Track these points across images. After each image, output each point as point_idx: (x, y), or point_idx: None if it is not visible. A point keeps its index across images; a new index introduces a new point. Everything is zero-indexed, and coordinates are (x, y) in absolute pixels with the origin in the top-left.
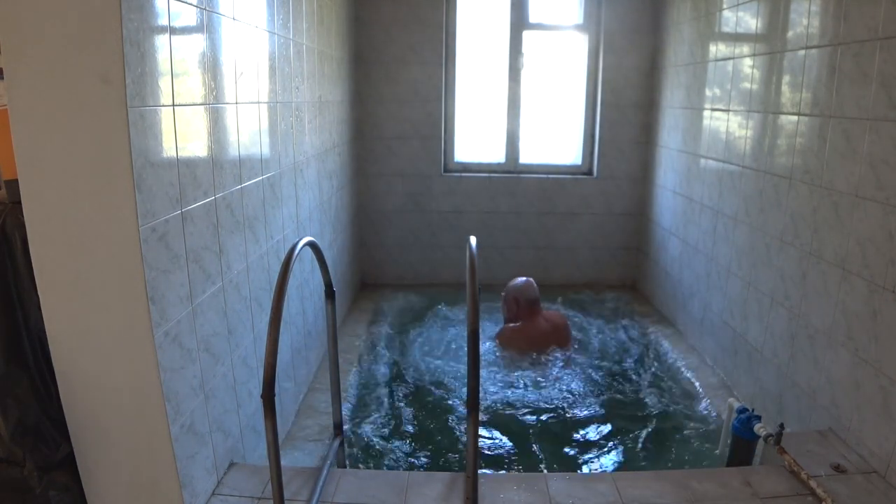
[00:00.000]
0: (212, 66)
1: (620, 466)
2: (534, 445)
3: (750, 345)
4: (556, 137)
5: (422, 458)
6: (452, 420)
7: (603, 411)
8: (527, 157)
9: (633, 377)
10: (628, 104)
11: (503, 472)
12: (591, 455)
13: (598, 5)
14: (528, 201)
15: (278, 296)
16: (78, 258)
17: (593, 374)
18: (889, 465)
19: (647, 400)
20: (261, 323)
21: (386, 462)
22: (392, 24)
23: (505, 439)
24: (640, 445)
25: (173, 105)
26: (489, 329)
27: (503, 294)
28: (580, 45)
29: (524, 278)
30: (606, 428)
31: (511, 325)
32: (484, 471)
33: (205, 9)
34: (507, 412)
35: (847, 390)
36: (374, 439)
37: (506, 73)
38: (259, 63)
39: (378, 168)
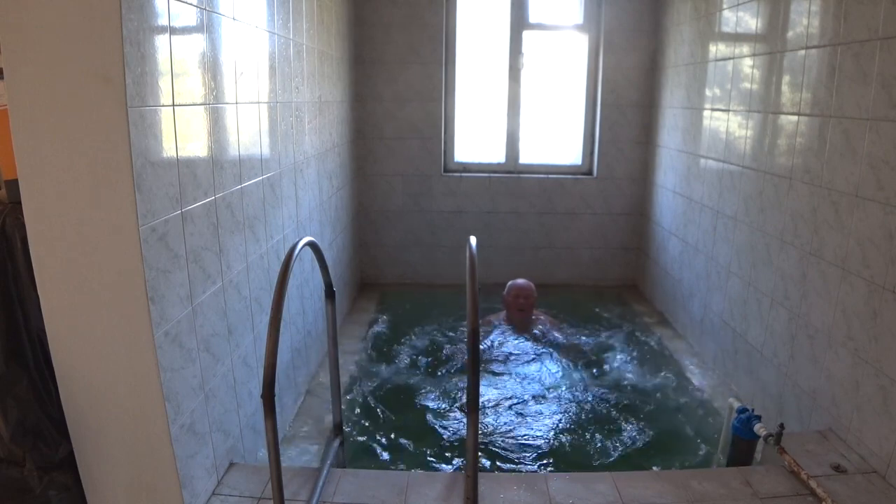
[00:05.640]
0: (212, 66)
1: (620, 466)
2: (531, 442)
3: (750, 345)
4: (556, 137)
5: (421, 458)
6: (452, 419)
7: (602, 411)
8: (527, 157)
9: (633, 377)
10: (628, 104)
11: (503, 472)
12: (590, 454)
13: (598, 5)
14: (528, 201)
15: (278, 296)
16: (78, 258)
17: (592, 372)
18: (889, 465)
19: (646, 399)
20: (261, 323)
21: (385, 462)
22: (392, 24)
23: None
24: (639, 445)
25: (173, 105)
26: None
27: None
28: (580, 45)
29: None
30: (606, 427)
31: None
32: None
33: (205, 9)
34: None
35: (847, 390)
36: (374, 438)
37: (506, 73)
38: (259, 63)
39: (378, 168)
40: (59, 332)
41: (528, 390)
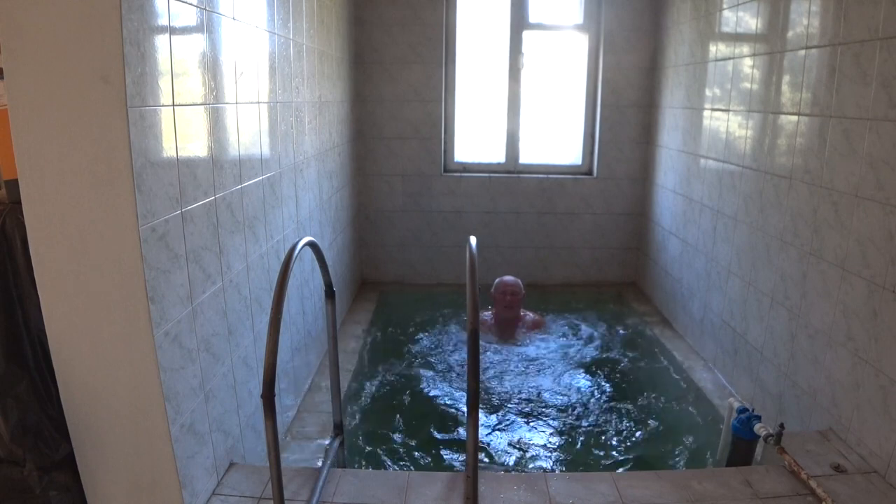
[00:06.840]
0: (212, 66)
1: (620, 466)
2: (532, 443)
3: (750, 345)
4: (556, 137)
5: (421, 458)
6: (452, 419)
7: (602, 411)
8: (527, 157)
9: (633, 377)
10: (628, 104)
11: (503, 472)
12: (590, 454)
13: (598, 5)
14: (528, 201)
15: (278, 296)
16: (78, 258)
17: (592, 373)
18: (889, 465)
19: (646, 400)
20: (261, 323)
21: (385, 461)
22: (392, 24)
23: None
24: (639, 445)
25: (173, 105)
26: None
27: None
28: (580, 45)
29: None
30: (606, 427)
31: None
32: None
33: (205, 9)
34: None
35: (847, 390)
36: (374, 439)
37: (506, 73)
38: (259, 63)
39: (378, 168)
40: (59, 332)
41: (522, 391)
